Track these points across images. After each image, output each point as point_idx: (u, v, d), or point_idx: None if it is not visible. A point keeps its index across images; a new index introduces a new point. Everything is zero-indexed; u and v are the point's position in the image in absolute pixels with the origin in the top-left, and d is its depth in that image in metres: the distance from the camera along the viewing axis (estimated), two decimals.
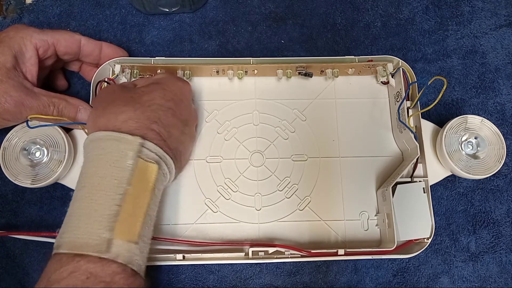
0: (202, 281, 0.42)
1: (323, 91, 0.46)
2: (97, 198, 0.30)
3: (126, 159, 0.32)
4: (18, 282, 0.42)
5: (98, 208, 0.30)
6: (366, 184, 0.44)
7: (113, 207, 0.30)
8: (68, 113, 0.39)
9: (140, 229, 0.31)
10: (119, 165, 0.31)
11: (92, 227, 0.29)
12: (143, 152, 0.33)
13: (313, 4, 0.50)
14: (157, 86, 0.37)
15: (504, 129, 0.47)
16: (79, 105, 0.40)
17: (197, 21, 0.49)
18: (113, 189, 0.31)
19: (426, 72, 0.48)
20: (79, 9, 0.49)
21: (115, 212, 0.30)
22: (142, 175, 0.32)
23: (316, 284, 0.42)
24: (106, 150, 0.32)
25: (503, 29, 0.50)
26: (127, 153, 0.32)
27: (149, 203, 0.33)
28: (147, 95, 0.36)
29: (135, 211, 0.31)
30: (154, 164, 0.33)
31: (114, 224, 0.30)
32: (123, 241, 0.29)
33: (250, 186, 0.43)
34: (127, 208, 0.31)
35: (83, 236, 0.29)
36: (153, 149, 0.34)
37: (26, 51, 0.38)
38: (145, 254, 0.32)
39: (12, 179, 0.39)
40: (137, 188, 0.32)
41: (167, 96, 0.37)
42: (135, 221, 0.31)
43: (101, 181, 0.31)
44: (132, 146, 0.32)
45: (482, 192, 0.45)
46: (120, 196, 0.31)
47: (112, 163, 0.31)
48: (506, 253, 0.44)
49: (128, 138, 0.32)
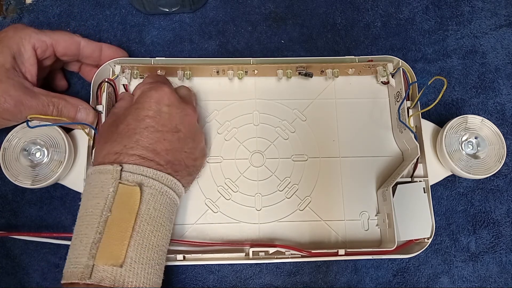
0: (202, 281, 0.42)
1: (323, 91, 0.46)
2: (83, 229, 0.32)
3: (107, 187, 0.33)
4: (18, 282, 0.42)
5: (83, 238, 0.32)
6: (366, 184, 0.44)
7: (95, 235, 0.31)
8: (67, 112, 0.39)
9: (125, 251, 0.31)
10: (101, 195, 0.33)
11: (77, 256, 0.31)
12: (124, 176, 0.33)
13: (313, 4, 0.50)
14: (132, 108, 0.37)
15: (504, 129, 0.47)
16: (79, 105, 0.40)
17: (197, 21, 0.49)
18: (96, 218, 0.32)
19: (426, 72, 0.48)
20: (79, 9, 0.49)
21: (97, 240, 0.31)
22: (125, 198, 0.33)
23: (316, 284, 0.42)
24: (91, 184, 0.34)
25: (503, 29, 0.50)
26: (108, 182, 0.33)
27: (136, 224, 0.32)
28: (122, 122, 0.36)
29: (119, 235, 0.32)
30: (136, 186, 0.33)
31: (95, 251, 0.31)
32: (106, 266, 0.31)
33: (250, 186, 0.43)
34: (110, 234, 0.31)
35: (72, 266, 0.31)
36: (136, 171, 0.34)
37: (24, 51, 0.38)
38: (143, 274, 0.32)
39: (12, 180, 0.39)
40: (119, 213, 0.32)
41: (141, 114, 0.36)
42: (120, 244, 0.31)
43: (86, 214, 0.33)
44: (111, 174, 0.33)
45: (482, 192, 0.45)
46: (102, 223, 0.32)
47: (95, 194, 0.33)
48: (506, 253, 0.44)
49: (108, 168, 0.33)
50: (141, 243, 0.32)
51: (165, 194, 0.35)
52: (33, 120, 0.39)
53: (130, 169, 0.34)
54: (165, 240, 0.35)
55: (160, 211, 0.34)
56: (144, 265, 0.32)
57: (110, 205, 0.32)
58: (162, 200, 0.35)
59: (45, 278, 0.42)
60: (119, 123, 0.36)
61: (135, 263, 0.31)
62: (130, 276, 0.31)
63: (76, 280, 0.30)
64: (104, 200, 0.32)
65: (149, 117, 0.36)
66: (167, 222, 0.35)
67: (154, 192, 0.34)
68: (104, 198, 0.32)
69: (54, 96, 0.39)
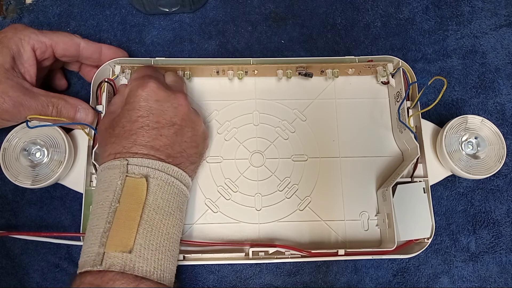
0: (202, 281, 0.42)
1: (323, 91, 0.46)
2: (94, 221, 0.34)
3: (115, 180, 0.34)
4: (18, 282, 0.42)
5: (94, 229, 0.33)
6: (366, 184, 0.44)
7: (105, 225, 0.33)
8: (67, 113, 0.40)
9: (134, 239, 0.32)
10: (110, 188, 0.34)
11: (90, 246, 0.33)
12: (130, 170, 0.34)
13: (313, 4, 0.50)
14: (124, 109, 0.37)
15: (504, 129, 0.47)
16: (78, 104, 0.40)
17: (197, 21, 0.49)
18: (105, 209, 0.33)
19: (426, 72, 0.48)
20: (79, 9, 0.49)
21: (107, 229, 0.32)
22: (133, 190, 0.34)
23: (316, 284, 0.42)
24: (101, 180, 0.35)
25: (503, 29, 0.50)
26: (115, 176, 0.34)
27: (144, 213, 0.33)
28: (118, 125, 0.37)
29: (128, 223, 0.33)
30: (143, 178, 0.34)
31: (105, 239, 0.32)
32: (116, 252, 0.32)
33: (250, 186, 0.43)
34: (118, 223, 0.33)
35: (85, 256, 0.33)
36: (142, 163, 0.35)
37: (24, 52, 0.38)
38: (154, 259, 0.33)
39: (12, 180, 0.39)
40: (127, 203, 0.33)
41: (133, 116, 0.36)
42: (128, 232, 0.32)
43: (97, 207, 0.34)
44: (119, 168, 0.34)
45: (482, 192, 0.45)
46: (112, 214, 0.33)
47: (105, 188, 0.34)
48: (506, 253, 0.44)
49: (115, 163, 0.35)
50: (150, 231, 0.33)
51: (172, 185, 0.36)
52: (33, 120, 0.39)
53: (136, 162, 0.35)
54: (176, 228, 0.35)
55: (168, 201, 0.35)
56: (154, 251, 0.33)
57: (118, 196, 0.33)
58: (170, 190, 0.35)
59: (45, 278, 0.42)
60: (115, 125, 0.37)
61: (145, 249, 0.32)
62: (140, 261, 0.32)
63: (88, 268, 0.31)
64: (113, 193, 0.34)
65: (141, 117, 0.36)
66: (176, 211, 0.36)
67: (160, 183, 0.35)
68: (112, 191, 0.34)
69: (53, 96, 0.39)
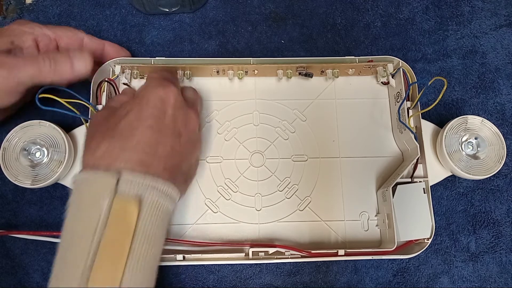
0: (202, 281, 0.42)
1: (323, 92, 0.46)
2: (74, 248, 0.29)
3: (101, 200, 0.29)
4: (18, 282, 0.42)
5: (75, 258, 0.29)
6: (366, 184, 0.44)
7: (88, 257, 0.28)
8: (64, 62, 0.37)
9: (122, 274, 0.28)
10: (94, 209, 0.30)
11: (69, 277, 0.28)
12: (120, 187, 0.30)
13: (313, 4, 0.50)
14: (135, 103, 0.34)
15: (504, 129, 0.47)
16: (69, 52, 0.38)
17: (197, 21, 0.49)
18: (88, 237, 0.29)
19: (426, 72, 0.48)
20: (79, 9, 0.49)
21: (90, 262, 0.28)
22: (122, 214, 0.29)
23: (316, 284, 0.42)
24: (83, 193, 0.31)
25: (503, 29, 0.50)
26: (102, 193, 0.30)
27: (134, 243, 0.29)
28: (124, 119, 0.33)
29: (115, 257, 0.29)
30: (134, 201, 0.30)
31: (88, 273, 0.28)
32: None
33: (250, 186, 0.43)
34: (105, 255, 0.28)
35: None
36: (135, 179, 0.30)
37: (26, 40, 0.39)
38: None
39: (12, 180, 0.39)
40: (115, 232, 0.29)
41: (145, 113, 0.33)
42: (116, 266, 0.29)
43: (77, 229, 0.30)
44: (107, 184, 0.30)
45: (482, 192, 0.45)
46: (95, 244, 0.29)
47: (86, 206, 0.30)
48: (506, 253, 0.44)
49: (102, 176, 0.30)
50: (137, 265, 0.29)
51: (162, 206, 0.32)
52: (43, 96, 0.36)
53: (128, 177, 0.30)
54: (159, 255, 0.32)
55: (158, 226, 0.31)
56: (140, 285, 0.30)
57: (104, 222, 0.29)
58: (160, 214, 0.32)
59: (45, 278, 0.42)
60: (120, 119, 0.33)
61: (133, 284, 0.29)
62: None
63: None
64: (98, 216, 0.29)
65: (153, 115, 0.33)
66: (162, 235, 0.32)
67: (152, 205, 0.31)
68: (97, 214, 0.29)
69: (44, 52, 0.39)
